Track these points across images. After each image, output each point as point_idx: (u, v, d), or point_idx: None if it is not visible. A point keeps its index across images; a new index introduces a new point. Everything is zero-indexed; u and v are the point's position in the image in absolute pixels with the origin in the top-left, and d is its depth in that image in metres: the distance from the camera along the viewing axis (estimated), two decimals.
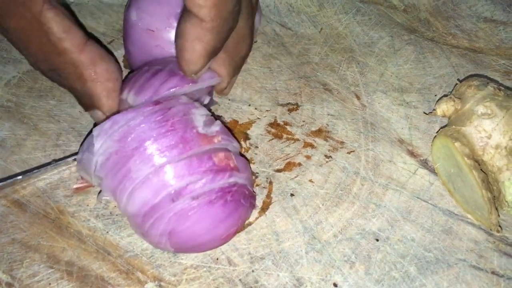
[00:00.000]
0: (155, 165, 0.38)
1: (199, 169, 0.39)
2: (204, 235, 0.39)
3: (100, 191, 0.42)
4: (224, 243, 0.42)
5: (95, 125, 0.43)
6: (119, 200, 0.40)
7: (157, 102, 0.40)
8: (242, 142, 0.49)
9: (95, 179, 0.41)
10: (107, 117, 0.41)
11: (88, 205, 0.45)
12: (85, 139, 0.43)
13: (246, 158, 0.45)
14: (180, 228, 0.39)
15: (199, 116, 0.41)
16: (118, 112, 0.42)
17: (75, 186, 0.45)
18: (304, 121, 0.51)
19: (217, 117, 0.49)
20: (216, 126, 0.42)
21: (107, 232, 0.43)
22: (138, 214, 0.39)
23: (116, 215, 0.44)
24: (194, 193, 0.38)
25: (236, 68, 0.47)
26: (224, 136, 0.41)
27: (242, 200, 0.41)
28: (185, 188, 0.38)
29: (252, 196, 0.43)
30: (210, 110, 0.48)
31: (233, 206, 0.40)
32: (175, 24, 0.47)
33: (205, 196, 0.38)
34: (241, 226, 0.43)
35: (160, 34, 0.48)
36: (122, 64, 0.54)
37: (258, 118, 0.51)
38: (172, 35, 0.47)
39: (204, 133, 0.40)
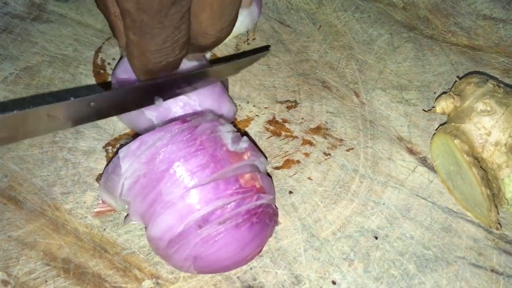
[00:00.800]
0: (187, 187, 0.37)
1: (226, 192, 0.37)
2: (230, 258, 0.38)
3: (127, 215, 0.41)
4: (249, 262, 0.41)
5: (121, 146, 0.43)
6: (147, 225, 0.39)
7: (184, 120, 0.39)
8: None
9: (120, 203, 0.40)
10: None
11: (85, 202, 0.44)
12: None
13: (270, 176, 0.44)
14: (206, 253, 0.37)
15: (226, 133, 0.40)
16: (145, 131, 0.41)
17: (96, 210, 0.43)
18: (302, 119, 0.51)
19: (243, 133, 0.48)
20: (244, 143, 0.40)
21: (104, 229, 0.43)
22: (162, 238, 0.38)
23: (113, 212, 0.44)
24: (221, 218, 0.37)
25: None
26: (252, 152, 0.40)
27: (267, 220, 0.39)
28: (212, 213, 0.37)
29: (276, 214, 0.42)
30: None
31: (259, 227, 0.39)
32: None
33: (232, 220, 0.37)
34: (265, 244, 0.42)
35: None
36: None
37: (257, 115, 0.51)
38: None
39: (234, 150, 0.39)
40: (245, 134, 0.49)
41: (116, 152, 0.39)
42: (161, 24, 0.36)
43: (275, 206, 0.43)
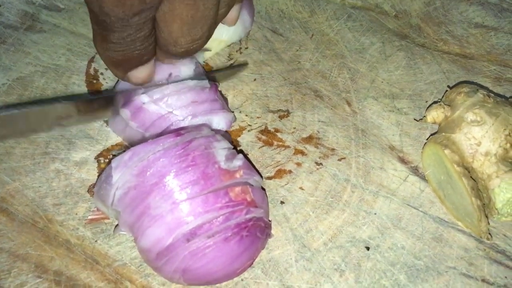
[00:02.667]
0: (175, 202, 0.37)
1: (215, 205, 0.37)
2: (219, 271, 0.38)
3: (116, 225, 0.42)
4: (240, 274, 0.41)
5: (113, 156, 0.44)
6: (135, 237, 0.39)
7: (178, 134, 0.39)
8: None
9: (111, 212, 0.40)
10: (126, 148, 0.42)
11: (76, 214, 0.44)
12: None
13: (264, 189, 0.44)
14: (194, 266, 0.37)
15: (221, 149, 0.40)
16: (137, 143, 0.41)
17: (89, 217, 0.44)
18: (295, 128, 0.51)
19: (238, 150, 0.48)
20: (238, 161, 0.40)
21: (96, 241, 0.43)
22: (151, 251, 0.38)
23: (105, 223, 0.44)
24: (209, 231, 0.37)
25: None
26: (246, 171, 0.40)
27: (258, 234, 0.39)
28: (201, 227, 0.37)
29: (268, 227, 0.42)
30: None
31: (249, 241, 0.39)
32: None
33: (220, 233, 0.37)
34: (257, 257, 0.42)
35: None
36: None
37: (249, 125, 0.51)
38: None
39: (226, 168, 0.39)
40: (237, 143, 0.49)
41: (109, 163, 0.39)
42: (123, 27, 0.37)
43: (268, 219, 0.43)
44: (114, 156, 0.47)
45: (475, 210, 0.42)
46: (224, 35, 0.55)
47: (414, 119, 0.52)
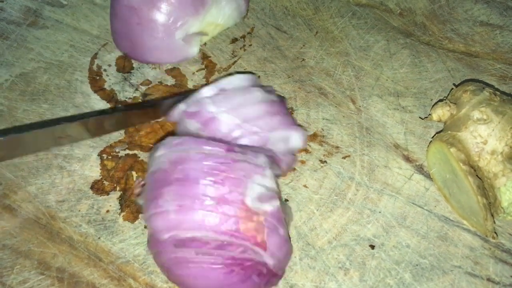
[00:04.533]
0: (183, 206, 0.36)
1: (218, 227, 0.36)
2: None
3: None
4: None
5: None
6: (144, 208, 0.39)
7: (230, 148, 0.38)
8: None
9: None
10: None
11: (80, 211, 0.44)
12: None
13: (291, 245, 0.41)
14: (176, 272, 0.37)
15: (258, 185, 0.38)
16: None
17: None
18: (299, 126, 0.51)
19: (285, 199, 0.46)
20: (270, 206, 0.38)
21: (99, 238, 0.43)
22: (151, 234, 0.38)
23: (108, 220, 0.44)
24: (200, 249, 0.36)
25: None
26: (272, 220, 0.38)
27: (254, 277, 0.37)
28: (193, 240, 0.36)
29: (274, 276, 0.39)
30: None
31: (239, 278, 0.37)
32: (158, 3, 0.49)
33: (210, 257, 0.36)
34: None
35: (141, 13, 0.50)
36: (115, 68, 0.54)
37: None
38: (153, 14, 0.49)
39: (250, 205, 0.37)
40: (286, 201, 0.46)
41: (112, 160, 0.39)
42: None
43: (281, 271, 0.40)
44: (118, 152, 0.47)
45: (481, 209, 0.41)
46: (220, 20, 0.55)
47: (419, 117, 0.51)
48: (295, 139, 0.45)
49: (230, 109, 0.43)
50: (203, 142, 0.38)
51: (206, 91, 0.45)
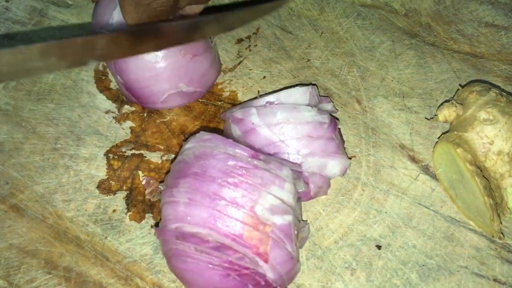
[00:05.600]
0: (193, 200, 0.36)
1: (221, 229, 0.36)
2: (193, 283, 0.38)
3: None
4: None
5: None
6: (161, 194, 0.40)
7: (256, 155, 0.37)
8: None
9: None
10: None
11: (86, 210, 0.44)
12: None
13: (299, 263, 0.40)
14: (175, 264, 0.38)
15: (272, 197, 0.37)
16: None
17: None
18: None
19: (302, 220, 0.44)
20: (281, 219, 0.37)
21: (106, 237, 0.43)
22: (162, 222, 0.39)
23: (115, 220, 0.44)
24: (199, 245, 0.36)
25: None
26: (279, 233, 0.37)
27: (250, 286, 0.37)
28: (194, 235, 0.36)
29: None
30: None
31: (234, 284, 0.36)
32: None
33: (209, 257, 0.36)
34: None
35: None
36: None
37: None
38: None
39: (259, 214, 0.36)
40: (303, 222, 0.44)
41: (118, 159, 0.39)
42: None
43: (283, 286, 0.39)
44: (124, 152, 0.47)
45: (488, 209, 0.41)
46: None
47: (425, 118, 0.51)
48: (332, 167, 0.44)
49: (272, 125, 0.43)
50: (231, 144, 0.38)
51: (258, 101, 0.45)
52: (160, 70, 0.46)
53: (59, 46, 0.34)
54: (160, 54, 0.46)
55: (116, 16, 0.46)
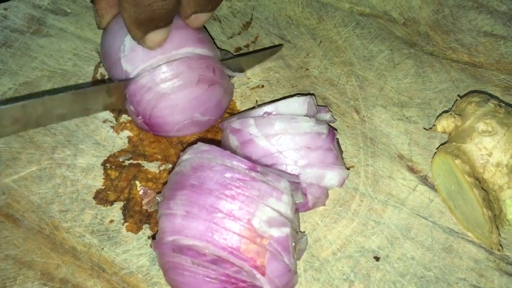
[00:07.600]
0: (190, 213, 0.36)
1: (218, 241, 0.35)
2: None
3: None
4: None
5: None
6: (158, 206, 0.40)
7: (253, 167, 0.37)
8: None
9: None
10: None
11: (83, 221, 0.44)
12: None
13: (296, 276, 0.39)
14: (172, 277, 0.37)
15: (269, 209, 0.36)
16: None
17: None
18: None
19: (301, 232, 0.44)
20: (278, 232, 0.36)
21: (102, 248, 0.43)
22: (159, 234, 0.39)
23: (112, 231, 0.44)
24: (195, 259, 0.36)
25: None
26: (277, 246, 0.36)
27: None
28: (190, 249, 0.36)
29: None
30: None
31: None
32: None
33: (206, 270, 0.36)
34: None
35: None
36: None
37: None
38: None
39: (256, 226, 0.36)
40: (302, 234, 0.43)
41: (116, 169, 0.39)
42: None
43: None
44: (121, 162, 0.46)
45: (486, 221, 0.41)
46: None
47: (424, 128, 0.51)
48: (330, 178, 0.44)
49: (269, 135, 0.43)
50: (228, 155, 0.38)
51: (256, 111, 0.45)
52: (176, 101, 0.46)
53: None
54: (175, 84, 0.45)
55: (128, 44, 0.45)
